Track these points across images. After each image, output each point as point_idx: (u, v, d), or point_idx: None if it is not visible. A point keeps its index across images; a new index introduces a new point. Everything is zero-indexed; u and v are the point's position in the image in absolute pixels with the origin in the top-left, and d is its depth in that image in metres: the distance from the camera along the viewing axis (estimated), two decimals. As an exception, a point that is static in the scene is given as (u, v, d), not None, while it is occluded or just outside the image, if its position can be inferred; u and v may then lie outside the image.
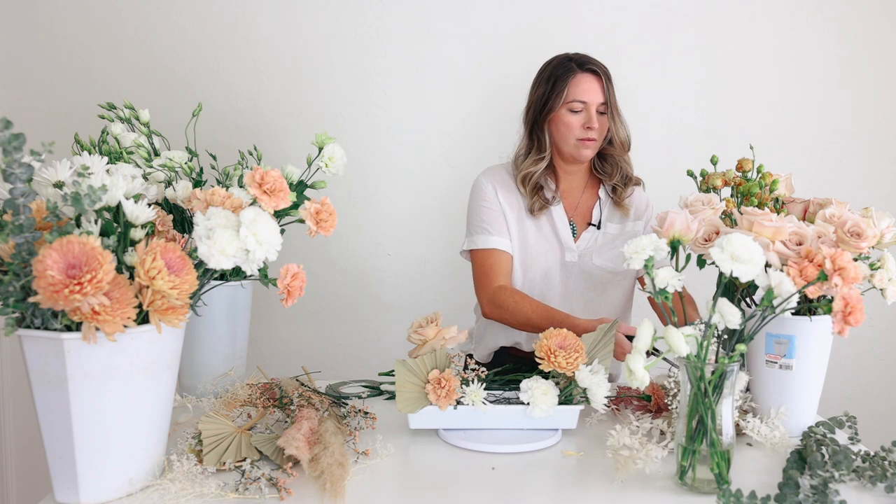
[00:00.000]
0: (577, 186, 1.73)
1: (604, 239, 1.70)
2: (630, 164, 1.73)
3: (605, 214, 1.72)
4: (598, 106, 1.62)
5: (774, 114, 2.24)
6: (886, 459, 1.08)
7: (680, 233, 1.12)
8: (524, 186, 1.67)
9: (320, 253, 2.23)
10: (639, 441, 1.11)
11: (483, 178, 1.71)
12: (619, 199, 1.71)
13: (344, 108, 2.22)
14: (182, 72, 2.19)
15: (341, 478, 1.01)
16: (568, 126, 1.62)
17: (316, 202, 1.13)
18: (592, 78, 1.62)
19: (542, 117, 1.65)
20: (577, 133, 1.62)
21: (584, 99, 1.61)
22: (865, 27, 2.21)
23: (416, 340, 1.38)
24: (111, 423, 0.95)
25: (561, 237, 1.67)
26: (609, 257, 1.68)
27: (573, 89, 1.61)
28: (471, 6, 2.20)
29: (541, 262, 1.67)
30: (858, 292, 1.01)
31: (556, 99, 1.62)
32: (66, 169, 1.02)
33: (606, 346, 1.30)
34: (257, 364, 1.78)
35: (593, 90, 1.61)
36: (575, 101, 1.61)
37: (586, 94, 1.61)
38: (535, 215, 1.66)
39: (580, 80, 1.62)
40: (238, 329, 1.50)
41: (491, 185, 1.68)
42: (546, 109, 1.64)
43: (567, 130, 1.62)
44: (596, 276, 1.68)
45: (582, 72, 1.62)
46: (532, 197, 1.66)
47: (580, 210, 1.72)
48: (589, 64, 1.63)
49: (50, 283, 0.83)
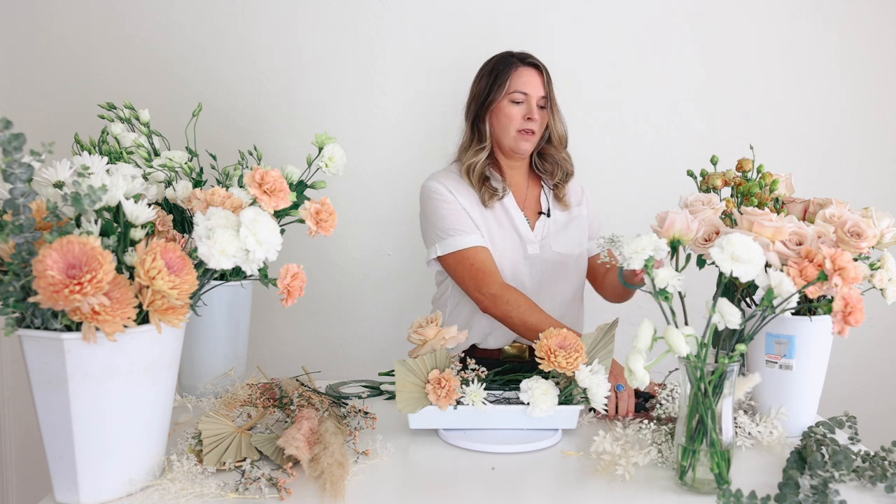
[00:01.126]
0: (521, 181, 1.77)
1: (555, 226, 1.74)
2: (569, 161, 1.78)
3: (550, 203, 1.77)
4: (539, 99, 1.67)
5: (774, 114, 2.24)
6: (886, 459, 1.08)
7: (680, 233, 1.12)
8: (469, 178, 1.69)
9: (320, 253, 2.23)
10: (621, 447, 1.11)
11: (432, 182, 1.70)
12: (559, 194, 1.76)
13: (344, 108, 2.22)
14: (182, 72, 2.19)
15: (341, 478, 1.01)
16: (509, 117, 1.66)
17: (316, 202, 1.13)
18: (534, 71, 1.67)
19: (484, 109, 1.69)
20: (517, 124, 1.66)
21: (526, 90, 1.65)
22: (865, 27, 2.21)
23: (416, 340, 1.38)
24: (111, 423, 0.95)
25: (520, 231, 1.70)
26: (564, 242, 1.73)
27: (515, 81, 1.66)
28: (471, 6, 2.20)
29: (507, 257, 1.68)
30: (858, 292, 1.01)
31: (498, 90, 1.66)
32: (66, 169, 1.02)
33: (606, 346, 1.30)
34: (257, 364, 1.78)
35: (534, 83, 1.66)
36: (517, 91, 1.65)
37: (528, 86, 1.65)
38: (487, 206, 1.68)
39: (522, 72, 1.66)
40: (238, 329, 1.50)
41: (443, 186, 1.68)
42: (488, 101, 1.68)
43: (508, 121, 1.66)
44: (558, 263, 1.72)
45: (524, 65, 1.67)
46: (480, 188, 1.68)
47: (528, 203, 1.76)
48: (530, 58, 1.69)
49: (50, 283, 0.83)
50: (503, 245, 1.68)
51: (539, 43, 2.21)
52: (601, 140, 2.24)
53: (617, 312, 2.15)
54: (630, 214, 2.07)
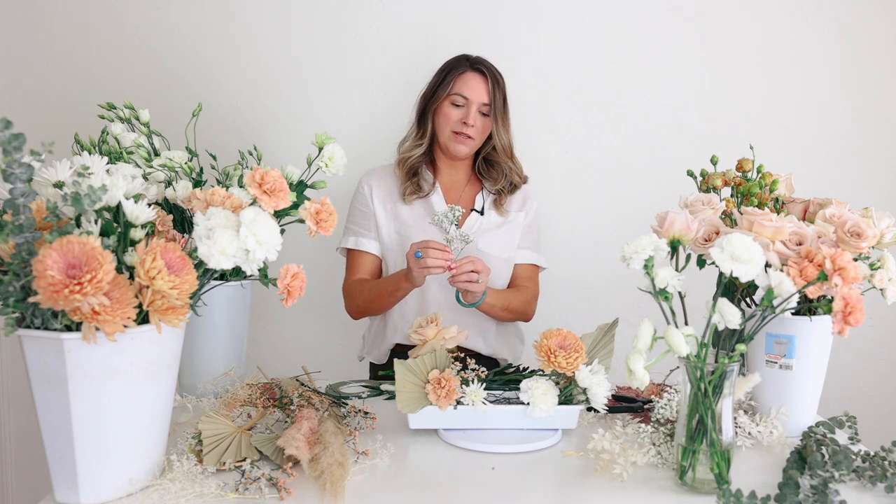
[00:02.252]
0: (458, 180, 1.80)
1: (486, 226, 1.76)
2: (517, 171, 1.79)
3: (487, 203, 1.78)
4: (480, 106, 1.69)
5: (775, 114, 2.24)
6: (886, 459, 1.08)
7: (680, 233, 1.12)
8: (400, 169, 1.76)
9: (320, 253, 2.23)
10: (620, 446, 1.11)
11: (362, 178, 1.80)
12: (499, 201, 1.78)
13: (344, 108, 2.22)
14: (182, 72, 2.18)
15: (341, 478, 1.01)
16: (446, 117, 1.70)
17: (316, 202, 1.13)
18: (479, 77, 1.70)
19: (429, 106, 1.74)
20: (452, 125, 1.70)
21: (466, 95, 1.69)
22: (866, 27, 2.21)
23: (416, 340, 1.38)
24: (111, 423, 0.95)
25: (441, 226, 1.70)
26: (492, 242, 1.74)
27: (458, 84, 1.69)
28: (470, 6, 2.20)
29: None
30: (858, 292, 1.01)
31: (442, 90, 1.71)
32: (66, 169, 1.02)
33: (606, 346, 1.30)
34: (257, 364, 1.78)
35: (477, 88, 1.69)
36: (457, 94, 1.69)
37: (470, 91, 1.69)
38: (405, 200, 1.73)
39: (468, 77, 1.70)
40: (238, 329, 1.50)
41: (367, 184, 1.78)
42: (433, 98, 1.73)
43: (445, 122, 1.71)
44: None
45: (471, 70, 1.70)
46: (406, 182, 1.74)
47: (462, 201, 1.78)
48: (480, 64, 1.71)
49: (50, 283, 0.83)
50: (419, 238, 1.65)
51: (539, 43, 2.21)
52: (601, 140, 2.24)
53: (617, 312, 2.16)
54: (630, 214, 2.06)
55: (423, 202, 1.75)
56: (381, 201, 1.75)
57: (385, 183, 1.77)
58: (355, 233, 1.76)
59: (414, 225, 1.73)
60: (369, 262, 1.76)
